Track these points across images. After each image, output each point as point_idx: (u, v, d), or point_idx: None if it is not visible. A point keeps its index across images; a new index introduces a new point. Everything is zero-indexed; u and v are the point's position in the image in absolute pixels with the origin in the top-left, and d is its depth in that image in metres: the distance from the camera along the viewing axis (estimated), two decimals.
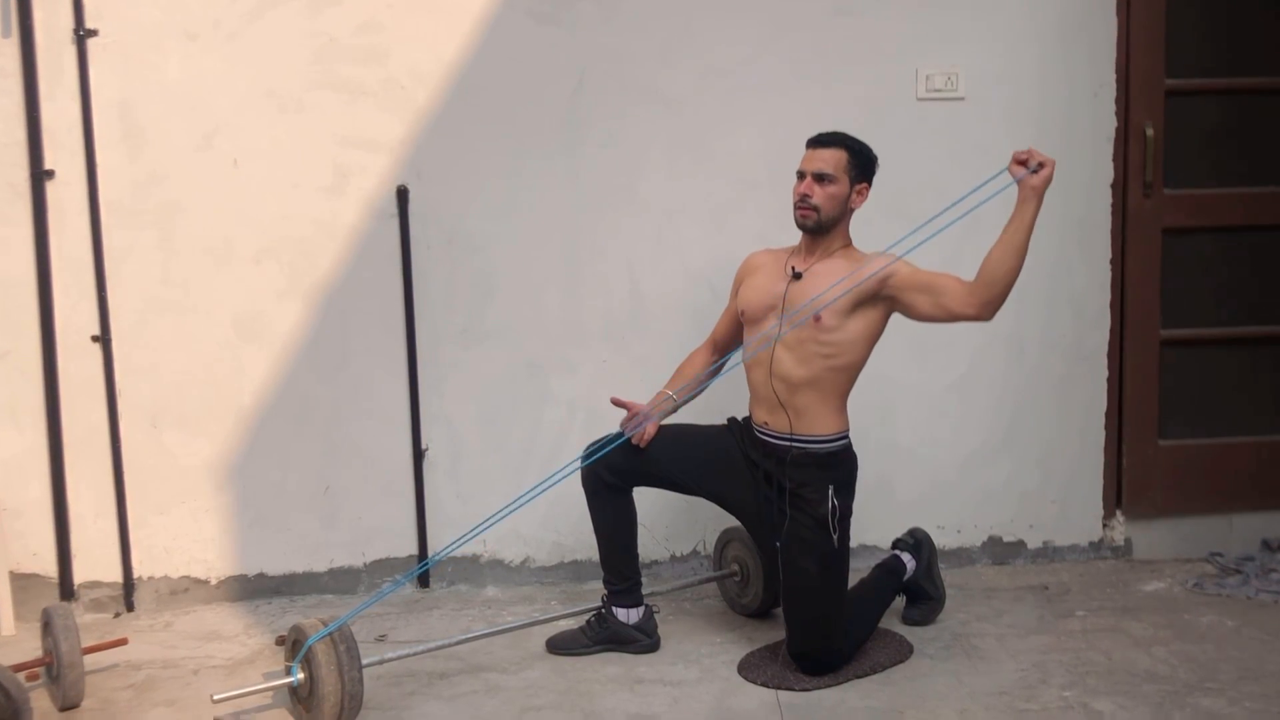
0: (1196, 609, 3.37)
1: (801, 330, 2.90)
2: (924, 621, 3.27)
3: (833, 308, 2.86)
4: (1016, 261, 2.74)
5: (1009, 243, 2.74)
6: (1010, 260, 2.74)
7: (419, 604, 3.55)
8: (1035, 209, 2.74)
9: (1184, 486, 3.75)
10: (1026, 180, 2.73)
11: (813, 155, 2.97)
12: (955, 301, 2.80)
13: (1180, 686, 2.86)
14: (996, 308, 2.78)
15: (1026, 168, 2.73)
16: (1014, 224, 2.75)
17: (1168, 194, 3.67)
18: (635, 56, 3.54)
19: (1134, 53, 3.61)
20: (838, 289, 2.85)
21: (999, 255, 2.75)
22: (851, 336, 2.91)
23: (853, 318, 2.89)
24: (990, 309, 2.78)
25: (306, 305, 3.53)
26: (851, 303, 2.88)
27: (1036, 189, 2.72)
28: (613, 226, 3.59)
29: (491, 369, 3.61)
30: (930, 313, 2.85)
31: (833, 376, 2.93)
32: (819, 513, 2.90)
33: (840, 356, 2.91)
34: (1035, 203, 2.73)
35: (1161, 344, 3.71)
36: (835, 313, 2.87)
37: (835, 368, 2.92)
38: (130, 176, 3.43)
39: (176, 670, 3.10)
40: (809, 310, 2.87)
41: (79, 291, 3.44)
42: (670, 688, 2.92)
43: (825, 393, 2.94)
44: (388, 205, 3.51)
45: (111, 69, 3.39)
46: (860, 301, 2.88)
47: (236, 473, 3.56)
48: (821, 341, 2.89)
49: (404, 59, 3.47)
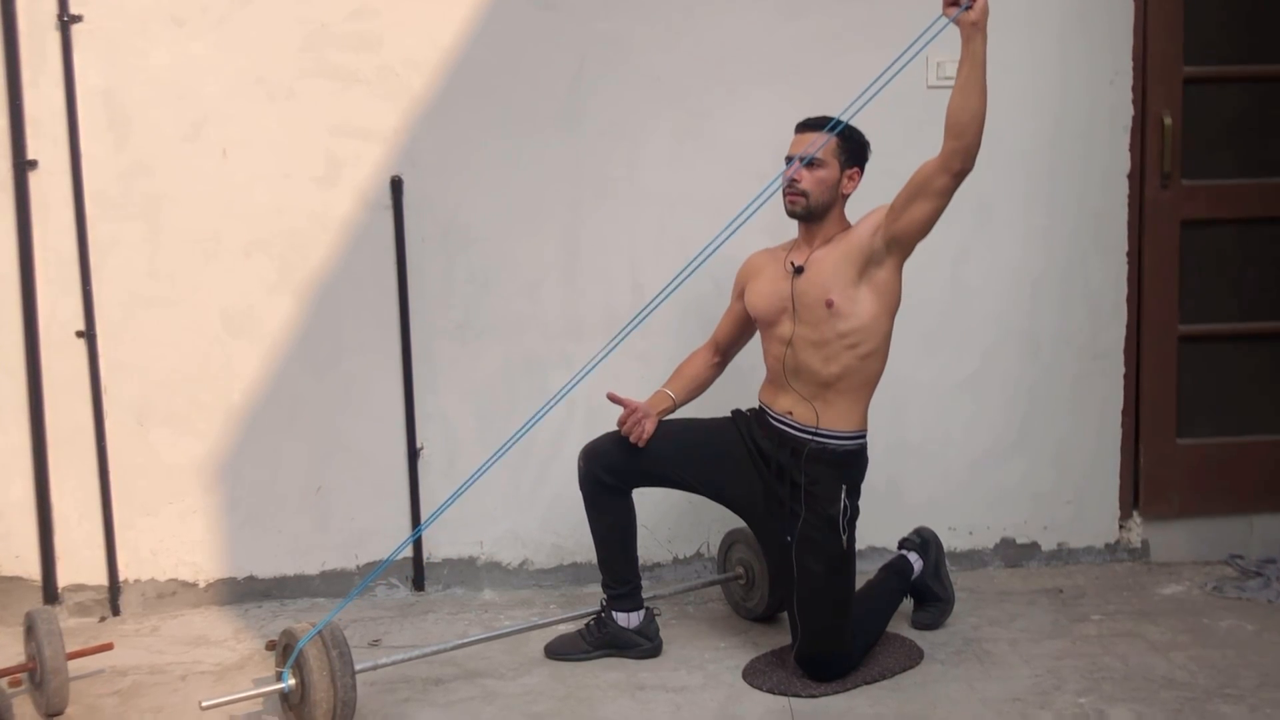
0: (1216, 613, 3.36)
1: (821, 326, 2.89)
2: (934, 625, 3.27)
3: (841, 285, 2.85)
4: (978, 100, 2.71)
5: (963, 85, 2.71)
6: (971, 100, 2.71)
7: (414, 608, 3.55)
8: (981, 44, 2.69)
9: (1203, 487, 3.74)
10: (963, 18, 2.70)
11: (801, 139, 2.98)
12: (937, 173, 2.77)
13: (1199, 693, 2.85)
14: (974, 153, 2.75)
15: (959, 5, 2.69)
16: (964, 65, 2.71)
17: (1186, 185, 3.66)
18: (636, 42, 3.53)
19: (1151, 39, 3.60)
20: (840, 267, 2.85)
21: (959, 100, 2.72)
22: (869, 313, 2.89)
23: (863, 288, 2.88)
24: (968, 155, 2.74)
25: (298, 300, 3.52)
26: (858, 272, 2.87)
27: (976, 24, 2.68)
28: (613, 218, 3.59)
29: (488, 365, 3.60)
30: (931, 206, 2.81)
31: (863, 366, 2.92)
32: (829, 512, 2.90)
33: (866, 342, 2.91)
34: (979, 38, 2.69)
35: (1180, 340, 3.70)
36: (844, 290, 2.86)
37: (863, 355, 2.91)
38: (116, 167, 3.42)
39: (164, 676, 3.10)
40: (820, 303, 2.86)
41: (63, 285, 3.43)
42: (673, 694, 2.92)
43: (857, 386, 2.94)
44: (381, 196, 3.51)
45: (96, 55, 3.38)
46: (867, 265, 2.87)
47: (226, 472, 3.56)
48: (842, 332, 2.88)
49: (398, 45, 3.46)
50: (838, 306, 2.86)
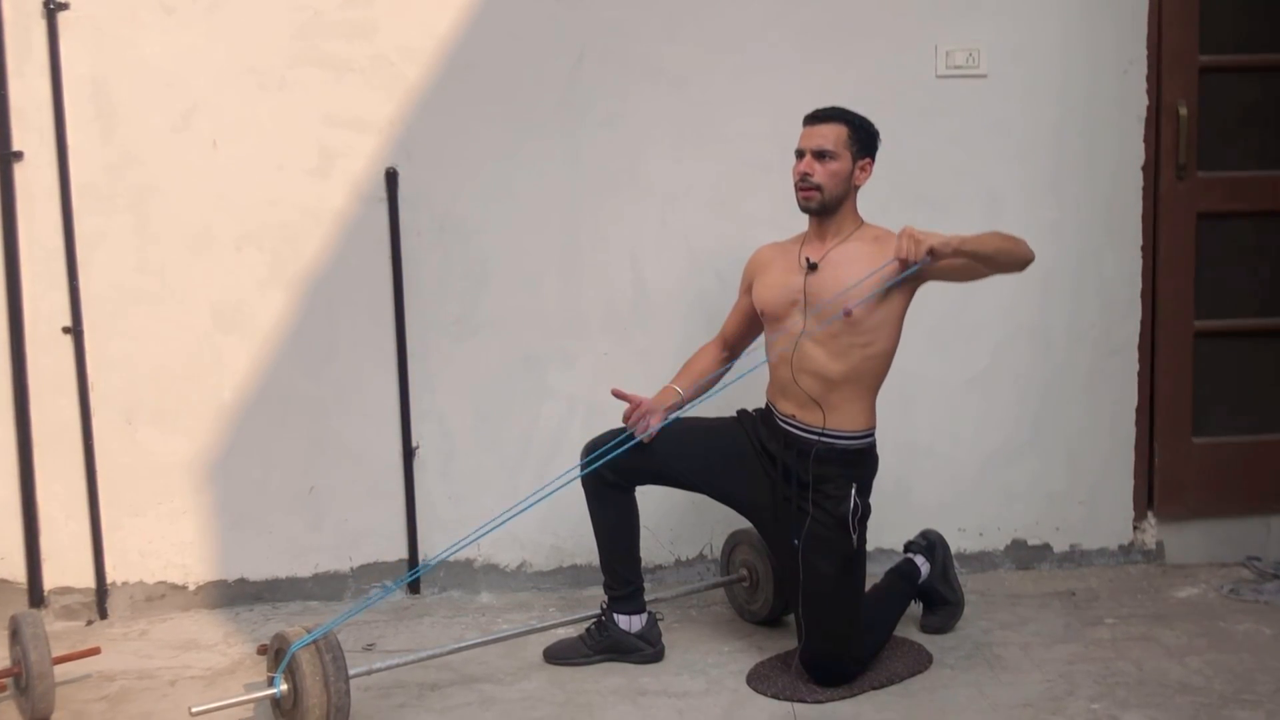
0: (1232, 616, 3.35)
1: (832, 324, 2.88)
2: (943, 629, 3.26)
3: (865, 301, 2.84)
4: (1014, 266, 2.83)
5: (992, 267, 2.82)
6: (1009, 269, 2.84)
7: (409, 611, 3.54)
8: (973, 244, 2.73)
9: (1219, 487, 3.74)
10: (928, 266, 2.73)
11: (811, 132, 2.97)
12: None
13: (1215, 698, 2.85)
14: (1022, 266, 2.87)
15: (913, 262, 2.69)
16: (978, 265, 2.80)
17: (1202, 177, 3.65)
18: (638, 31, 3.52)
19: (1166, 27, 3.59)
20: (869, 284, 2.84)
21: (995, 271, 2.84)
22: (885, 318, 2.90)
23: (885, 304, 2.88)
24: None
25: (290, 295, 3.52)
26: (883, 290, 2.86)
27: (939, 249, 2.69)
28: (614, 211, 3.58)
29: (486, 362, 3.59)
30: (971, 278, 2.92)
31: (871, 365, 2.92)
32: (839, 511, 2.89)
33: (876, 343, 2.91)
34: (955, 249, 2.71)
35: (1196, 335, 3.70)
36: (867, 305, 2.85)
37: (873, 355, 2.91)
38: (103, 158, 3.42)
39: (152, 681, 3.09)
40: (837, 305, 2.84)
41: (49, 280, 3.43)
42: (675, 700, 2.91)
43: (863, 385, 2.94)
44: (376, 189, 3.50)
45: (83, 44, 3.38)
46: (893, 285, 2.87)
47: (216, 472, 3.55)
48: (856, 331, 2.88)
49: (393, 34, 3.46)
50: (856, 316, 2.85)
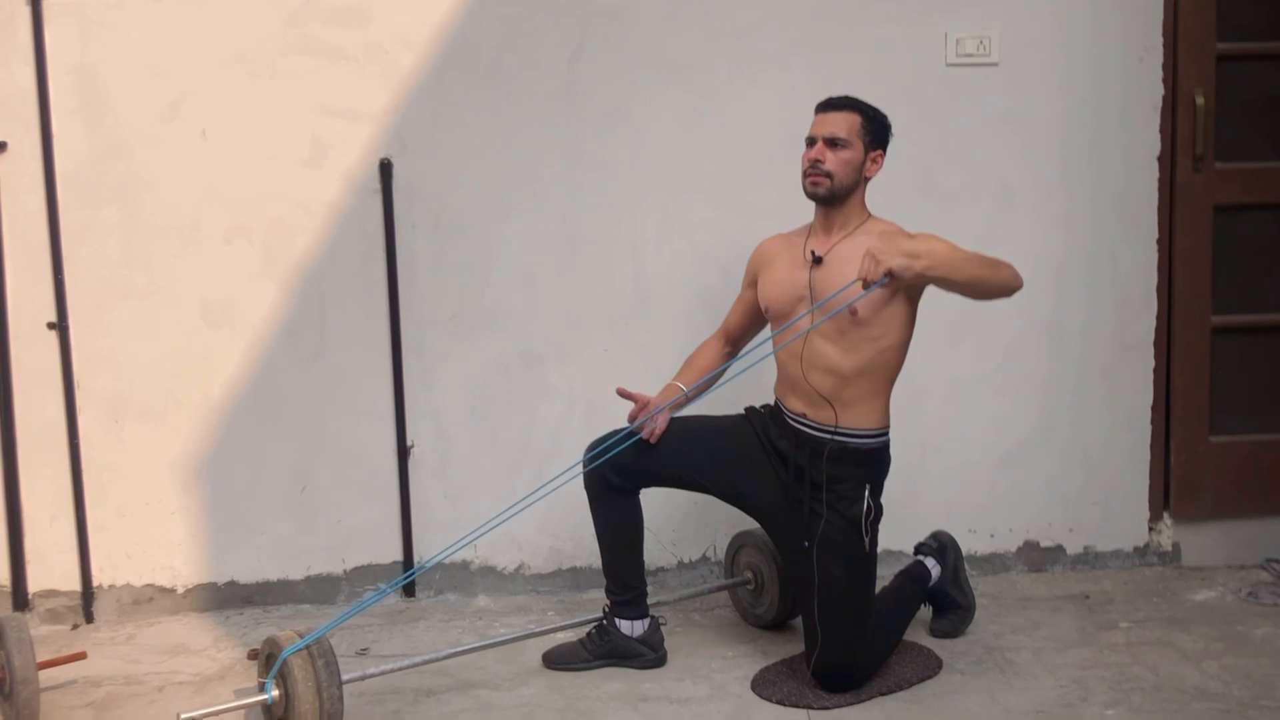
0: (1251, 620, 3.35)
1: (840, 319, 2.87)
2: (954, 633, 3.26)
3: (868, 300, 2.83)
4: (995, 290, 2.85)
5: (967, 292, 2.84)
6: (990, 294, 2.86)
7: (404, 615, 3.54)
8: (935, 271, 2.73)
9: (1237, 487, 3.73)
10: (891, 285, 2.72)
11: (823, 119, 2.96)
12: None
13: (1233, 704, 2.84)
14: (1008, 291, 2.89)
15: (872, 281, 2.69)
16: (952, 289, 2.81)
17: (1219, 168, 3.64)
18: (639, 18, 3.51)
19: (1183, 13, 3.59)
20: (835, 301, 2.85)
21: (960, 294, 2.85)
22: (894, 311, 2.89)
23: (892, 302, 2.87)
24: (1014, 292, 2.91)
25: (281, 289, 3.51)
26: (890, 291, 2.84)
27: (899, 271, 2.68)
28: (615, 203, 3.57)
29: (483, 359, 3.59)
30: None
31: (884, 358, 2.92)
32: (852, 513, 2.89)
33: (888, 335, 2.90)
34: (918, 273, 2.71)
35: (1213, 331, 3.69)
36: (871, 304, 2.84)
37: (885, 348, 2.91)
38: (89, 148, 3.41)
39: (140, 687, 3.09)
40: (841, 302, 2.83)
41: (33, 274, 3.42)
42: (678, 706, 2.91)
43: (877, 380, 2.93)
44: (370, 180, 3.50)
45: (69, 32, 3.37)
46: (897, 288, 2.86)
47: (205, 472, 3.55)
48: (866, 326, 2.87)
49: (388, 21, 3.45)
50: (862, 315, 2.85)
